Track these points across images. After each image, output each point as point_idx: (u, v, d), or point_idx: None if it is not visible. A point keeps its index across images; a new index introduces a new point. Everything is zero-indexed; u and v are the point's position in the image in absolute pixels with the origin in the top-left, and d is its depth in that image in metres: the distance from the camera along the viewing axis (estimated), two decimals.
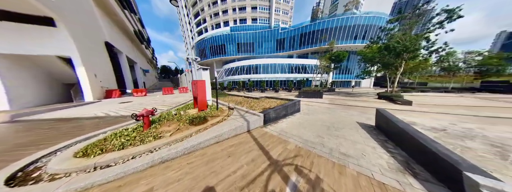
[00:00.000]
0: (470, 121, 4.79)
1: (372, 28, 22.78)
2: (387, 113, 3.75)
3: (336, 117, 5.07)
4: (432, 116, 5.36)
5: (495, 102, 8.49)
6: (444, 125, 4.37)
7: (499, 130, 4.01)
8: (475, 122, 4.72)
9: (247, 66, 25.88)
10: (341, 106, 7.44)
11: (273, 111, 4.28)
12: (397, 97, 8.77)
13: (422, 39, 8.51)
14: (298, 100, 5.94)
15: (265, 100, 7.20)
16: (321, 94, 11.01)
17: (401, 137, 2.67)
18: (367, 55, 12.25)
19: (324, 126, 3.93)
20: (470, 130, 4.01)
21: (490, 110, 6.41)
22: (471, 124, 4.52)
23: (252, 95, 11.19)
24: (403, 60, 9.31)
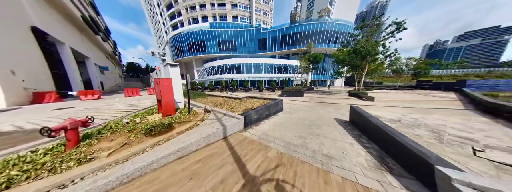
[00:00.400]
0: (414, 112, 5.93)
1: (342, 34, 26.00)
2: (359, 109, 4.11)
3: (316, 114, 5.40)
4: (389, 110, 6.39)
5: (425, 96, 11.03)
6: (398, 116, 5.25)
7: (433, 118, 5.09)
8: (417, 113, 5.87)
9: (230, 65, 25.01)
10: (319, 104, 7.98)
11: (254, 112, 3.98)
12: (363, 94, 10.20)
13: (380, 45, 10.19)
14: (281, 99, 5.92)
15: (247, 100, 6.91)
16: (302, 93, 11.67)
17: (373, 132, 2.92)
18: (339, 58, 13.77)
19: (305, 125, 4.01)
20: (416, 119, 4.94)
21: (424, 102, 8.19)
22: (416, 115, 5.59)
23: (235, 95, 10.76)
24: (367, 62, 10.93)
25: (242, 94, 14.92)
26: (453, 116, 5.53)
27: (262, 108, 4.41)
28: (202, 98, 8.53)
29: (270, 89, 20.60)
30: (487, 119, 5.07)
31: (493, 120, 4.96)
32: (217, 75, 25.39)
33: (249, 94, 13.04)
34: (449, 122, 4.65)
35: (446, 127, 4.31)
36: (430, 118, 5.09)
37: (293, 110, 6.11)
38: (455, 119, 5.04)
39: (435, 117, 5.28)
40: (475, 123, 4.59)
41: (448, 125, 4.43)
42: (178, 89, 4.72)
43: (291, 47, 26.48)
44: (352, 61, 11.80)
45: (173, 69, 4.58)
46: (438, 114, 5.72)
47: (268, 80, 24.64)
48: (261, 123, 4.09)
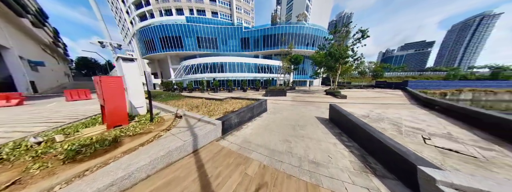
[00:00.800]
0: (377, 108, 6.90)
1: (318, 38, 28.51)
2: (338, 108, 4.30)
3: (299, 113, 5.51)
4: (359, 106, 7.23)
5: (382, 93, 13.33)
6: (367, 112, 5.95)
7: (391, 112, 6.00)
8: (379, 108, 6.85)
9: (212, 63, 23.51)
10: (301, 103, 8.27)
11: (235, 115, 3.57)
12: (337, 93, 11.39)
13: (350, 49, 11.59)
14: (265, 99, 5.77)
15: (229, 101, 6.48)
16: (285, 92, 12.04)
17: (352, 129, 3.08)
18: (317, 59, 14.96)
19: (290, 125, 3.96)
20: (379, 114, 5.71)
21: (382, 99, 9.77)
22: (379, 110, 6.50)
23: (216, 96, 10.07)
24: (340, 64, 12.26)
25: (225, 94, 14.20)
26: (403, 109, 6.70)
27: (245, 110, 4.06)
28: (177, 100, 7.49)
29: (255, 89, 20.51)
30: (425, 111, 6.36)
31: (429, 111, 6.25)
32: (197, 74, 23.43)
33: (232, 95, 12.49)
34: (402, 115, 5.56)
35: (402, 119, 5.11)
36: (389, 112, 5.99)
37: (277, 110, 6.08)
38: (405, 112, 6.10)
39: (392, 111, 6.25)
40: (419, 115, 5.66)
41: (402, 118, 5.28)
42: (136, 90, 3.77)
43: (274, 48, 27.13)
44: (328, 63, 12.99)
45: (128, 64, 3.57)
46: (393, 108, 6.82)
47: (253, 80, 24.50)
48: (243, 127, 3.73)
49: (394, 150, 1.81)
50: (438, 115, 5.53)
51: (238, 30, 27.39)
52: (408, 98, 9.93)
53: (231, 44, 27.97)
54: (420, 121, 4.82)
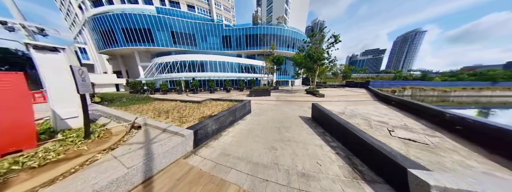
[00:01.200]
0: (350, 105, 7.67)
1: (297, 40, 30.36)
2: (320, 107, 4.28)
3: (283, 114, 5.46)
4: (335, 104, 7.86)
5: (351, 92, 15.26)
6: (342, 109, 6.48)
7: (361, 108, 6.75)
8: (352, 105, 7.64)
9: (190, 62, 21.47)
10: (285, 102, 8.37)
11: (213, 121, 3.01)
12: (316, 92, 12.29)
13: (325, 52, 12.71)
14: (249, 100, 5.45)
15: (209, 103, 5.82)
16: (269, 92, 12.10)
17: (335, 128, 3.10)
18: (297, 61, 15.81)
19: (275, 128, 3.77)
20: (352, 110, 6.32)
21: (352, 97, 11.07)
22: (352, 107, 7.22)
23: (196, 97, 9.11)
24: (318, 65, 13.30)
25: (206, 96, 13.15)
26: (369, 105, 7.67)
27: (225, 113, 3.58)
28: (143, 104, 6.25)
29: (238, 89, 19.96)
30: (385, 106, 7.47)
31: (388, 106, 7.37)
32: (173, 74, 20.93)
33: (214, 96, 11.67)
34: (369, 110, 6.31)
35: (370, 114, 5.77)
36: (359, 108, 6.71)
37: (262, 111, 5.89)
38: (371, 107, 6.98)
39: (361, 107, 7.04)
40: (381, 109, 6.56)
41: (370, 113, 5.97)
42: (64, 93, 2.65)
43: (256, 48, 27.17)
44: (307, 64, 13.89)
45: (47, 55, 2.47)
46: (362, 105, 7.73)
47: (236, 80, 23.83)
48: (222, 134, 3.23)
49: (380, 151, 1.76)
50: (395, 109, 6.53)
51: (219, 27, 26.10)
52: (370, 95, 11.61)
53: (211, 42, 26.36)
54: (383, 115, 5.54)
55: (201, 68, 21.83)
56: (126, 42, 22.06)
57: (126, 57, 26.85)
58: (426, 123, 4.44)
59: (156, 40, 22.60)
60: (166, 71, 21.17)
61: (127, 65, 28.12)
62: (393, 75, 45.60)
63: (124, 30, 21.36)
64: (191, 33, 24.73)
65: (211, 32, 25.88)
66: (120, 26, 21.16)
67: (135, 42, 22.21)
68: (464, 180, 1.14)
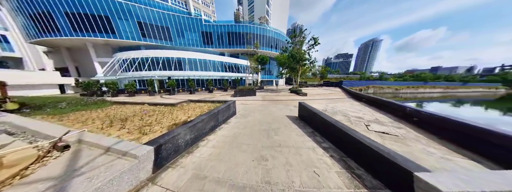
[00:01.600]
0: (331, 102, 8.23)
1: (279, 41, 31.40)
2: (307, 106, 4.22)
3: (270, 114, 5.33)
4: (318, 102, 8.33)
5: (329, 90, 16.82)
6: (324, 107, 6.86)
7: (340, 105, 7.29)
8: (332, 103, 8.22)
9: (165, 59, 18.99)
10: (271, 101, 8.31)
11: (187, 129, 2.39)
12: (299, 91, 12.86)
13: (306, 53, 13.45)
14: (233, 101, 5.05)
15: (186, 106, 5.06)
16: (255, 92, 11.88)
17: (324, 127, 3.06)
18: (281, 61, 16.23)
19: (263, 131, 3.50)
20: (333, 108, 6.75)
21: (331, 95, 12.10)
22: (332, 104, 7.74)
23: (171, 99, 7.97)
24: (300, 66, 13.97)
25: (185, 97, 11.81)
26: (346, 103, 8.44)
27: (205, 118, 3.00)
28: (92, 110, 4.99)
29: (222, 89, 18.98)
30: (358, 103, 8.36)
31: (360, 103, 8.27)
32: (143, 72, 18.02)
33: (193, 97, 10.58)
34: (347, 107, 6.88)
35: (348, 111, 6.26)
36: (338, 105, 7.25)
37: (248, 112, 5.58)
38: (348, 104, 7.67)
39: (340, 104, 7.63)
40: (356, 106, 7.27)
41: (348, 109, 6.49)
42: None
43: (240, 46, 26.53)
44: (290, 64, 14.41)
45: None
46: (340, 102, 8.42)
47: (220, 79, 22.60)
48: (200, 145, 2.65)
49: (379, 152, 1.64)
50: (366, 105, 7.35)
51: (198, 22, 24.11)
52: (345, 93, 12.98)
53: (190, 38, 24.11)
54: (358, 111, 6.10)
55: (178, 66, 19.64)
56: (73, 31, 17.58)
57: (75, 50, 21.56)
58: (391, 116, 5.07)
59: (118, 31, 18.96)
60: (133, 69, 18.06)
61: (77, 61, 22.63)
62: (359, 76, 53.27)
63: (69, 15, 16.94)
64: (165, 26, 21.94)
65: (189, 27, 23.64)
66: (63, 9, 16.67)
67: (88, 31, 17.99)
68: (474, 183, 1.02)
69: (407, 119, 4.57)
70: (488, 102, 20.39)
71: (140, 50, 18.67)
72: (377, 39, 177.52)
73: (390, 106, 5.73)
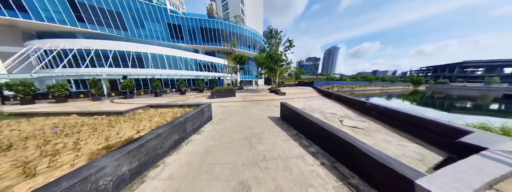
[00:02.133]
0: (308, 101, 8.81)
1: (257, 42, 31.75)
2: (290, 106, 4.11)
3: (251, 115, 5.04)
4: (296, 101, 8.73)
5: (304, 90, 18.43)
6: (302, 105, 7.18)
7: (315, 103, 7.85)
8: (308, 101, 8.80)
9: (119, 53, 15.00)
10: (251, 102, 8.01)
11: (123, 157, 1.61)
12: (278, 90, 13.26)
13: (283, 54, 14.02)
14: (208, 104, 4.34)
15: (141, 114, 3.91)
16: (234, 92, 11.25)
17: (308, 128, 2.98)
18: (259, 61, 16.27)
19: (244, 139, 3.03)
20: (310, 105, 7.17)
21: (306, 94, 13.13)
22: (309, 102, 8.26)
23: (123, 105, 6.19)
24: (278, 66, 14.43)
25: (147, 100, 9.68)
26: (320, 100, 9.26)
27: (163, 131, 2.17)
28: None
29: (198, 90, 17.08)
30: (329, 100, 9.36)
31: (330, 100, 9.28)
32: (82, 69, 13.52)
33: (159, 100, 8.82)
34: (321, 105, 7.48)
35: (322, 108, 6.78)
36: (314, 103, 7.80)
37: (226, 115, 5.03)
38: (322, 102, 8.41)
39: (316, 102, 8.23)
40: (328, 103, 8.05)
41: (322, 107, 7.06)
42: None
43: (215, 44, 24.79)
44: (268, 64, 14.66)
45: None
46: (316, 100, 9.13)
47: (194, 79, 20.32)
48: (149, 177, 1.87)
49: (374, 158, 1.54)
50: (336, 102, 8.26)
51: (161, 11, 20.58)
52: (316, 92, 14.44)
53: (152, 29, 20.30)
54: (330, 107, 6.72)
55: (138, 63, 16.11)
56: None
57: None
58: (356, 111, 5.83)
59: (32, 8, 13.42)
60: (63, 64, 13.31)
61: None
62: (326, 77, 62.00)
63: None
64: (115, 11, 17.45)
65: (151, 16, 19.84)
66: None
67: None
68: None
69: (367, 113, 5.31)
70: (404, 96, 28.41)
71: (78, 39, 13.98)
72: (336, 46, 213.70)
73: (354, 102, 6.58)
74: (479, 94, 31.15)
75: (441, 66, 65.67)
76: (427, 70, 70.72)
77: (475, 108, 16.02)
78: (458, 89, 43.44)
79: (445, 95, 28.83)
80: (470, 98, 24.27)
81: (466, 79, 56.80)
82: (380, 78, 56.52)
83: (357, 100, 6.43)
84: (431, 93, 32.76)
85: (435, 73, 66.20)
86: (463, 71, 59.61)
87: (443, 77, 61.69)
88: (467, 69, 59.40)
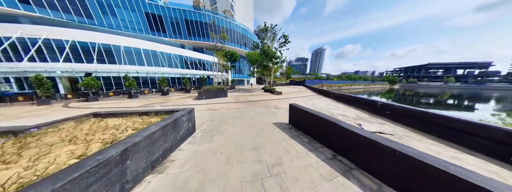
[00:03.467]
0: (307, 100, 8.12)
1: (248, 39, 30.44)
2: (304, 108, 3.24)
3: (251, 123, 3.92)
4: (294, 100, 8.01)
5: (297, 88, 18.09)
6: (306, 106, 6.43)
7: (317, 103, 7.17)
8: (308, 100, 8.10)
9: (80, 44, 12.07)
10: (247, 104, 6.92)
11: None
12: (273, 89, 12.44)
13: (278, 51, 13.21)
14: (190, 109, 3.09)
15: (67, 129, 2.26)
16: (226, 92, 9.96)
17: (340, 141, 2.12)
18: (252, 58, 15.23)
19: (249, 175, 1.79)
20: (313, 106, 6.43)
21: (301, 92, 12.59)
22: (311, 102, 7.54)
23: (75, 110, 4.46)
24: (273, 63, 13.59)
25: (113, 103, 7.80)
26: (319, 99, 8.69)
27: (79, 183, 1.04)
28: None
29: (184, 90, 15.19)
30: (329, 99, 8.85)
31: (330, 99, 8.80)
32: (23, 63, 10.44)
33: (132, 103, 7.13)
34: (325, 105, 6.80)
35: (329, 108, 6.12)
36: (316, 103, 7.12)
37: (216, 124, 3.82)
38: (323, 101, 7.79)
39: (316, 101, 7.57)
40: (330, 102, 7.46)
41: (328, 107, 6.40)
42: None
43: (203, 39, 22.73)
44: (263, 62, 13.72)
45: None
46: (315, 99, 8.51)
47: (180, 78, 18.18)
48: None
49: None
50: (338, 101, 7.75)
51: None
52: (311, 91, 14.09)
53: (125, 18, 17.32)
54: (336, 108, 6.07)
55: (108, 58, 13.43)
56: None
57: None
58: (365, 111, 5.27)
59: None
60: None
61: None
62: (314, 76, 64.22)
63: None
64: None
65: (123, 2, 16.85)
66: None
67: None
68: None
69: (379, 113, 4.75)
70: (382, 93, 30.88)
71: (19, 24, 10.78)
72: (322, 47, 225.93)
73: (361, 101, 6.04)
74: (439, 91, 36.10)
75: (411, 67, 74.30)
76: (400, 70, 79.30)
77: (436, 104, 17.91)
78: (424, 87, 49.87)
79: (414, 93, 32.54)
80: (433, 95, 27.74)
81: (430, 79, 65.38)
82: (362, 78, 61.06)
83: (366, 99, 5.91)
84: (403, 91, 36.63)
85: (406, 73, 74.61)
86: (427, 72, 68.49)
87: (412, 77, 69.91)
88: (430, 70, 68.45)
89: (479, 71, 63.40)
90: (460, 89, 41.79)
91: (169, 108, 3.55)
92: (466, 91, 37.91)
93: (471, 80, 59.80)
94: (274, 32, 13.03)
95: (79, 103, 8.49)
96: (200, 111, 5.27)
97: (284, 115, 4.61)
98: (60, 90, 11.46)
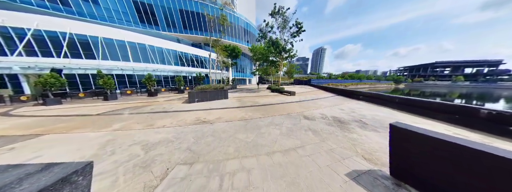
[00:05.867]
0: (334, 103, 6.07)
1: (251, 34, 28.11)
2: (437, 135, 1.43)
3: (288, 173, 1.49)
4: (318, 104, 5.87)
5: (307, 88, 16.06)
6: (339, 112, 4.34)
7: (348, 107, 5.15)
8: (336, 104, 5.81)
9: (47, 33, 9.96)
10: (256, 110, 4.78)
11: None
12: (282, 89, 10.40)
13: (289, 43, 11.07)
14: (85, 163, 1.19)
15: None
16: (226, 93, 7.87)
17: None
18: (257, 52, 13.15)
19: None
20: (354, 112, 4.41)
21: (313, 93, 10.30)
22: (343, 106, 5.25)
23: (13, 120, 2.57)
24: (282, 58, 11.51)
25: (79, 108, 5.67)
26: (343, 102, 6.60)
27: None
28: None
29: (176, 90, 13.13)
30: (358, 101, 6.81)
31: (359, 101, 6.78)
32: None
33: (104, 107, 5.04)
34: (368, 111, 4.80)
35: (381, 117, 4.14)
36: (346, 108, 5.11)
37: (199, 179, 1.49)
38: (355, 105, 5.73)
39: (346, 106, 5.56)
40: (365, 106, 5.45)
41: (378, 115, 4.40)
42: None
43: (201, 33, 20.44)
44: (270, 56, 11.73)
45: None
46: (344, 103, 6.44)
47: (173, 76, 16.11)
48: None
49: None
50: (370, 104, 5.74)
51: None
52: (323, 91, 12.01)
53: (110, 7, 15.00)
54: (375, 111, 4.14)
55: (85, 52, 11.29)
56: None
57: None
58: (419, 116, 3.40)
59: None
60: None
61: None
62: (316, 76, 62.11)
63: None
64: None
65: None
66: None
67: None
68: None
69: (440, 118, 2.77)
70: (388, 93, 29.04)
71: None
72: (323, 47, 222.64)
73: (409, 103, 4.16)
74: (447, 90, 34.14)
75: (416, 66, 72.02)
76: (404, 70, 77.02)
77: None
78: (431, 87, 47.88)
79: (420, 92, 30.52)
80: (440, 95, 25.60)
81: (436, 77, 63.20)
82: (366, 77, 59.04)
83: (419, 101, 3.99)
84: (408, 91, 34.63)
85: (411, 72, 72.37)
86: (434, 71, 66.26)
87: (418, 76, 67.68)
88: (437, 69, 66.21)
89: (488, 69, 61.20)
90: (472, 88, 39.64)
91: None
92: (479, 90, 35.95)
93: (481, 78, 57.68)
94: (285, 18, 10.77)
95: (34, 107, 6.43)
96: (179, 128, 3.16)
97: (339, 136, 2.57)
98: (26, 91, 9.41)
